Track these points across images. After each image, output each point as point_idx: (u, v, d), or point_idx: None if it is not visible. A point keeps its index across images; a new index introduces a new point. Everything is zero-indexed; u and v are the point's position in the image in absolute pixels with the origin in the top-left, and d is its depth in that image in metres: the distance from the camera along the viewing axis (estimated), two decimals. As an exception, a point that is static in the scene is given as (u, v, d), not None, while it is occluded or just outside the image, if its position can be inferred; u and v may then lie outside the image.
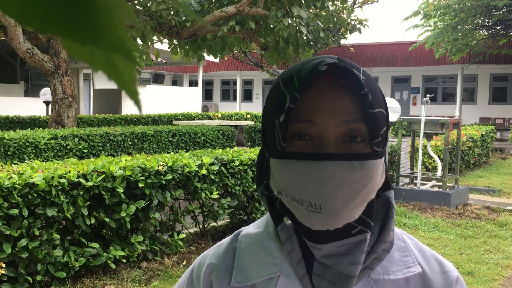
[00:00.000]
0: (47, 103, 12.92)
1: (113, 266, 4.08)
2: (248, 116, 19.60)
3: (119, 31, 0.19)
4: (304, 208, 0.71)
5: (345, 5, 11.58)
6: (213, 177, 4.90)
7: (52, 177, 3.75)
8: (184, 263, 4.54)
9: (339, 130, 0.72)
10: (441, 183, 7.78)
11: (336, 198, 0.69)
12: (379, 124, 0.72)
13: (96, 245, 3.99)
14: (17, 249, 3.51)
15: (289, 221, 0.78)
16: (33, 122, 12.97)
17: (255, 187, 5.30)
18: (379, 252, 0.77)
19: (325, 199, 0.69)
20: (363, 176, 0.70)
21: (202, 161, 4.88)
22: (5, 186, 3.48)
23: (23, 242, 3.53)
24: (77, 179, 3.91)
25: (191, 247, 4.95)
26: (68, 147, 8.37)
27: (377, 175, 0.73)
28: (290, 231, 0.78)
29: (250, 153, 5.49)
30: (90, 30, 0.19)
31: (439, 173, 8.06)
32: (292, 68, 0.75)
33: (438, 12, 16.50)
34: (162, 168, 4.48)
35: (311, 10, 8.85)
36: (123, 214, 4.11)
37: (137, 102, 0.22)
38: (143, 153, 7.38)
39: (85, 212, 3.90)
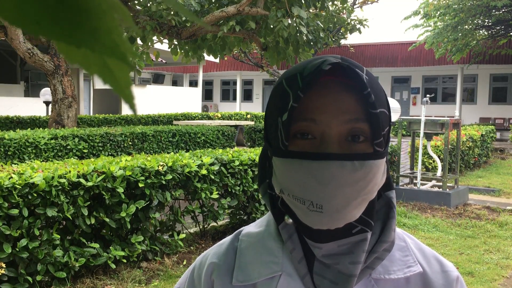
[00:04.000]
0: (47, 103, 12.92)
1: (113, 266, 4.08)
2: (248, 116, 19.61)
3: (113, 34, 0.19)
4: (305, 207, 0.71)
5: (345, 5, 11.57)
6: (213, 177, 4.90)
7: (52, 177, 3.75)
8: (184, 263, 4.54)
9: (341, 129, 0.72)
10: (441, 183, 7.77)
11: (337, 198, 0.70)
12: (382, 125, 0.72)
13: (96, 245, 3.99)
14: (17, 249, 3.51)
15: (290, 220, 0.78)
16: (33, 122, 12.97)
17: (255, 187, 5.29)
18: (380, 252, 0.78)
19: (326, 198, 0.70)
20: (364, 176, 0.70)
21: (202, 161, 4.88)
22: (5, 186, 3.48)
23: (23, 242, 3.53)
24: (77, 179, 3.91)
25: (191, 247, 4.95)
26: (68, 147, 8.37)
27: (378, 175, 0.73)
28: (291, 230, 0.78)
29: (250, 153, 5.49)
30: (85, 33, 0.19)
31: (439, 173, 8.06)
32: (296, 67, 0.75)
33: (438, 12, 16.49)
34: (162, 168, 4.48)
35: (311, 10, 8.85)
36: (123, 214, 4.11)
37: (132, 106, 0.22)
38: (143, 153, 7.38)
39: (85, 212, 3.90)
